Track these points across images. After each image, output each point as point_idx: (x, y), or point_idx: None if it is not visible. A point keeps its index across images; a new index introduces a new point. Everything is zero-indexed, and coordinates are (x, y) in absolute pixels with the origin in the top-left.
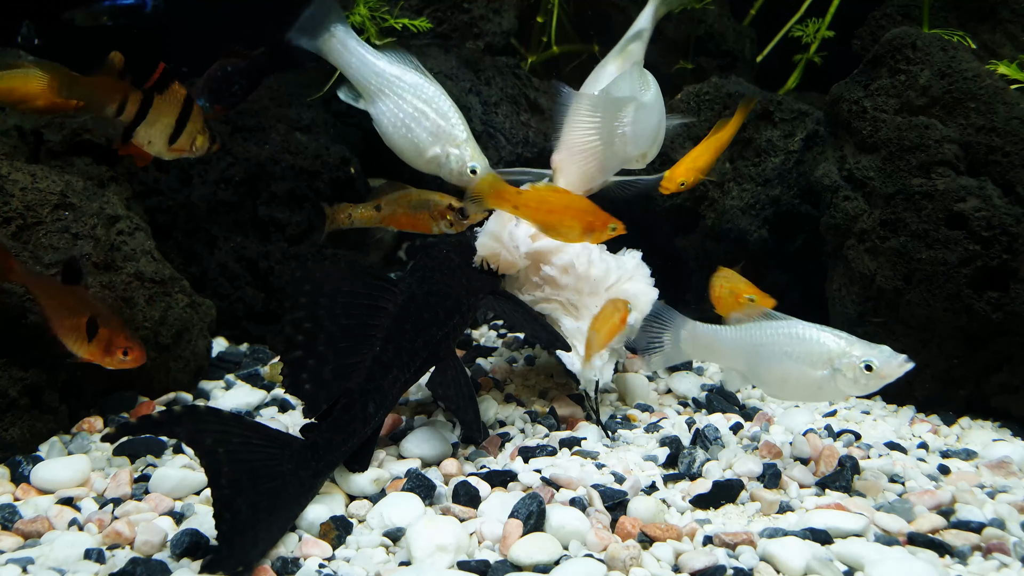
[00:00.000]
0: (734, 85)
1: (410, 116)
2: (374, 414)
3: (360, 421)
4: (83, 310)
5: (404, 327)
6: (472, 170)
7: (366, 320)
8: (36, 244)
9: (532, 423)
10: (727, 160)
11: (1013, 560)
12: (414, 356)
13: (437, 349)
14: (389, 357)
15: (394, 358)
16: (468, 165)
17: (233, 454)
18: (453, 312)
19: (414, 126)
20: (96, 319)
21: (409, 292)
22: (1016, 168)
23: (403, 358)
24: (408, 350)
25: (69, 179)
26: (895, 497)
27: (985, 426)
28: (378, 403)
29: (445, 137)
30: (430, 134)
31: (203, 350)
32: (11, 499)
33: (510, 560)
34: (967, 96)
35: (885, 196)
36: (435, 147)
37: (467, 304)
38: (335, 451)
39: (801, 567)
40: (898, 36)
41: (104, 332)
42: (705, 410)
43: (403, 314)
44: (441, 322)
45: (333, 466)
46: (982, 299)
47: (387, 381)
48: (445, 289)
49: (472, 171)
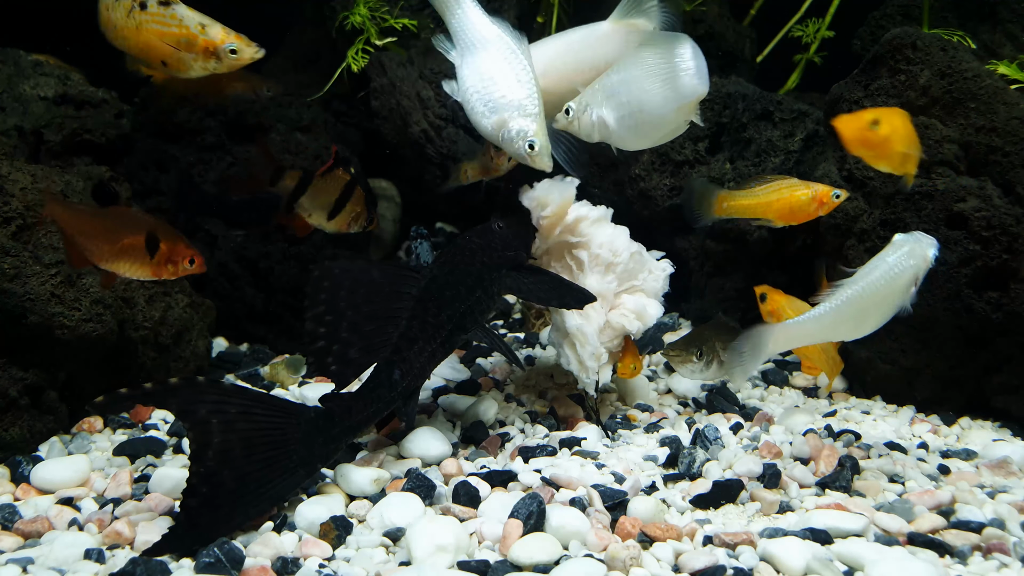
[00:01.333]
0: (734, 85)
1: (490, 78)
2: (400, 380)
3: (385, 387)
4: (137, 227)
5: (427, 305)
6: (531, 145)
7: (389, 306)
8: (36, 244)
9: (532, 423)
10: (727, 160)
11: (1013, 560)
12: (439, 328)
13: (463, 322)
14: (415, 331)
15: (419, 332)
16: (528, 139)
17: (228, 424)
18: (475, 287)
19: (491, 87)
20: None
21: (430, 275)
22: (1016, 168)
23: (428, 331)
24: (433, 324)
25: (69, 179)
26: (895, 497)
27: (985, 426)
28: (404, 371)
29: (515, 106)
30: (502, 97)
31: (203, 350)
32: (11, 499)
33: (510, 560)
34: (967, 96)
35: (885, 196)
36: (502, 113)
37: (488, 279)
38: (355, 416)
39: (801, 567)
40: (898, 36)
41: (165, 246)
42: (705, 410)
43: (425, 294)
44: (463, 297)
45: (354, 431)
46: (982, 299)
47: (413, 351)
48: (465, 267)
49: (531, 146)
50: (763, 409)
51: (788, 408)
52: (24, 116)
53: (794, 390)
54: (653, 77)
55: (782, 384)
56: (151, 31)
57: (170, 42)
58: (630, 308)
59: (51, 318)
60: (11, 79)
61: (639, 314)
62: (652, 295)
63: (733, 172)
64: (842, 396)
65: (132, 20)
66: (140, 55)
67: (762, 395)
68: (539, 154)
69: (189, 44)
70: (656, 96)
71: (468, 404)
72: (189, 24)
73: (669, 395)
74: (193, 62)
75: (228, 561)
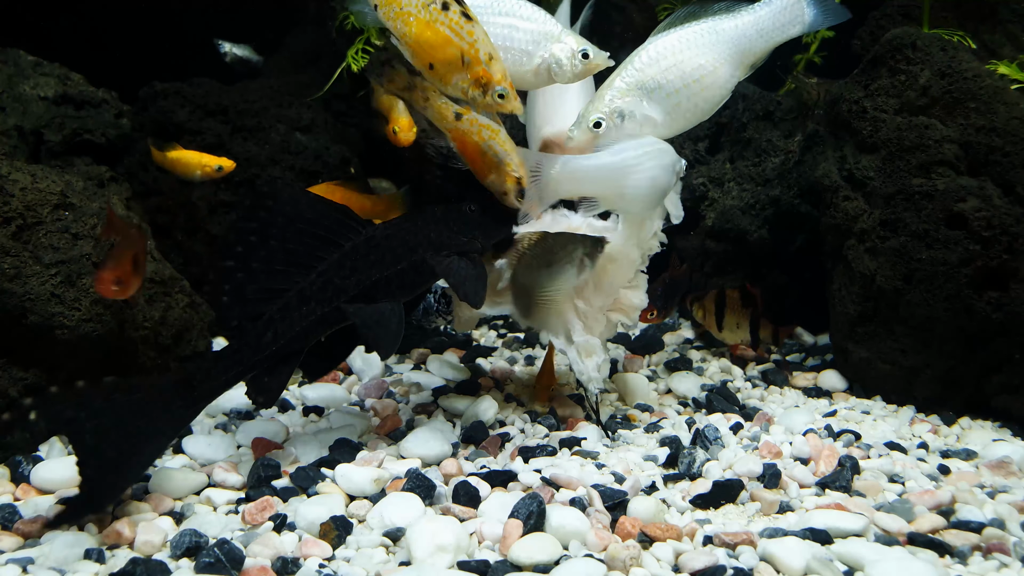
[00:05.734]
0: None
1: (502, 37)
2: (272, 342)
3: (250, 349)
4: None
5: (342, 264)
6: (584, 54)
7: (314, 251)
8: (36, 244)
9: (532, 423)
10: (727, 160)
11: (1013, 560)
12: (340, 292)
13: (375, 291)
14: (313, 290)
15: (317, 291)
16: (579, 51)
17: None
18: (401, 259)
19: (511, 45)
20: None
21: (367, 234)
22: (1016, 168)
23: (327, 292)
24: (336, 286)
25: (69, 179)
26: (895, 497)
27: (985, 426)
28: (281, 332)
29: (542, 38)
30: (529, 43)
31: (203, 350)
32: (11, 499)
33: (510, 560)
34: (967, 96)
35: (885, 196)
36: (538, 54)
37: (422, 255)
38: (215, 379)
39: (801, 567)
40: (898, 36)
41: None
42: (705, 410)
43: (347, 252)
44: (385, 265)
45: (214, 393)
46: (982, 299)
47: (300, 312)
48: (404, 237)
49: (584, 55)
50: (763, 409)
51: (788, 408)
52: (24, 116)
53: (794, 390)
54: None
55: (782, 384)
56: (441, 33)
57: (454, 53)
58: (630, 303)
59: (51, 318)
60: (11, 79)
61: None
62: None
63: (733, 172)
64: (842, 396)
65: (426, 13)
66: (412, 47)
67: (762, 395)
68: (596, 57)
69: (469, 65)
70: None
71: (468, 404)
72: (480, 47)
73: (669, 395)
74: (460, 82)
75: (228, 561)
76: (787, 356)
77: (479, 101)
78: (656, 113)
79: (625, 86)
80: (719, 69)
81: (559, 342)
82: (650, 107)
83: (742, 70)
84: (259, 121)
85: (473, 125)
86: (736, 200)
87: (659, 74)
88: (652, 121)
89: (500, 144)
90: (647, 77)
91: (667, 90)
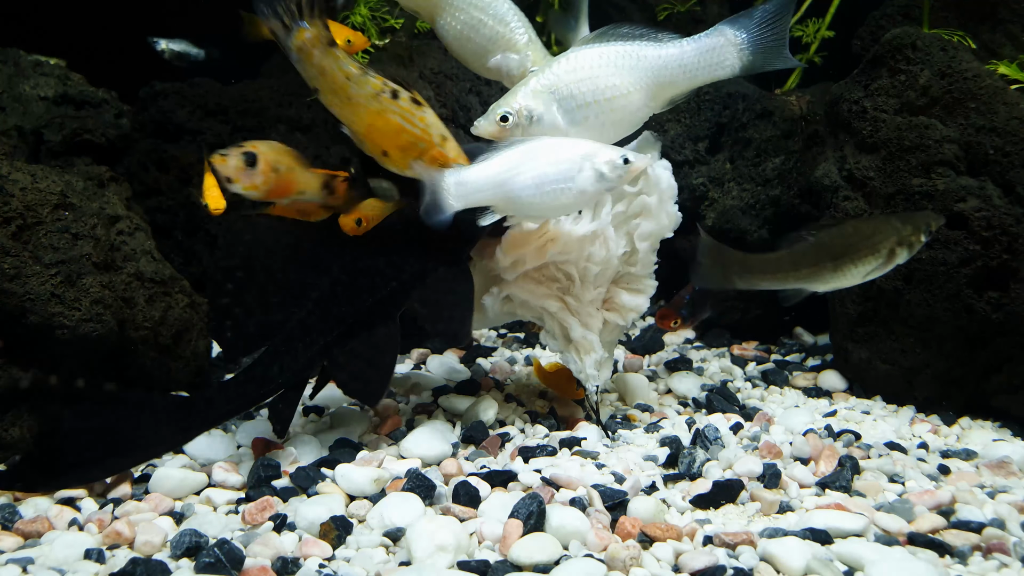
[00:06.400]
0: (734, 85)
1: (468, 26)
2: (279, 375)
3: (257, 382)
4: None
5: (336, 290)
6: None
7: (302, 277)
8: (36, 244)
9: (532, 423)
10: (727, 160)
11: (1013, 560)
12: (341, 321)
13: (371, 317)
14: (313, 320)
15: (318, 321)
16: (531, 69)
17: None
18: (390, 279)
19: (473, 35)
20: None
21: (353, 255)
22: (1016, 168)
23: (328, 323)
24: (336, 315)
25: (69, 179)
26: (895, 497)
27: (985, 426)
28: (287, 365)
29: (504, 43)
30: (488, 41)
31: (203, 350)
32: (11, 499)
33: (510, 560)
34: (967, 96)
35: (885, 196)
36: (496, 54)
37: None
38: (216, 409)
39: (801, 567)
40: (898, 36)
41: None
42: (705, 410)
43: (340, 279)
44: (376, 289)
45: (213, 423)
46: (982, 299)
47: (303, 344)
48: (393, 251)
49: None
50: (763, 409)
51: (788, 408)
52: (24, 116)
53: (794, 390)
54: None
55: (782, 384)
56: (393, 122)
57: (408, 140)
58: (622, 303)
59: (51, 318)
60: (11, 79)
61: (634, 308)
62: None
63: (733, 172)
64: (842, 396)
65: (376, 103)
66: (363, 136)
67: (762, 395)
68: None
69: (424, 151)
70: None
71: (468, 404)
72: (433, 133)
73: (669, 395)
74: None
75: (228, 561)
76: (787, 356)
77: None
78: (563, 122)
79: (539, 87)
80: (633, 94)
81: (555, 344)
82: (559, 114)
83: (658, 102)
84: (259, 121)
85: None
86: (736, 200)
87: (573, 84)
88: (558, 129)
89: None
90: (561, 84)
91: (578, 101)
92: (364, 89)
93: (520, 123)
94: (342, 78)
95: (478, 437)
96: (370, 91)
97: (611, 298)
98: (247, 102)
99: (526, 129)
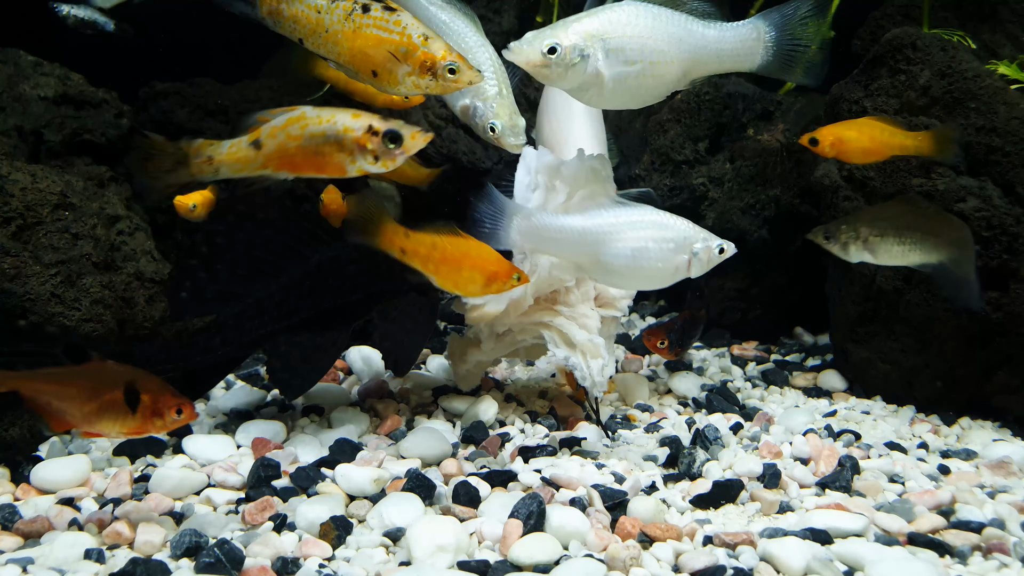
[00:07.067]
0: (734, 85)
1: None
2: (218, 348)
3: (198, 349)
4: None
5: (303, 283)
6: (491, 128)
7: (280, 261)
8: (36, 244)
9: (532, 423)
10: (727, 160)
11: (1013, 560)
12: (295, 313)
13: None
14: (270, 305)
15: (274, 307)
16: (489, 122)
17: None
18: (359, 289)
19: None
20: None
21: (335, 252)
22: (1016, 168)
23: (283, 310)
24: (290, 306)
25: (69, 179)
26: (895, 497)
27: (985, 426)
28: (229, 338)
29: (474, 89)
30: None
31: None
32: (11, 499)
33: (510, 560)
34: (967, 96)
35: (885, 196)
36: (464, 98)
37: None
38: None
39: (801, 567)
40: (898, 36)
41: (147, 398)
42: (705, 410)
43: (311, 271)
44: (341, 293)
45: None
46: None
47: (254, 324)
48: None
49: (491, 129)
50: (763, 409)
51: (788, 408)
52: (24, 116)
53: (794, 390)
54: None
55: (782, 384)
56: (370, 36)
57: (389, 49)
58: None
59: (51, 318)
60: (11, 79)
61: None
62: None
63: (733, 172)
64: (842, 396)
65: (350, 23)
66: (349, 62)
67: (762, 395)
68: (502, 135)
69: (407, 54)
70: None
71: (468, 404)
72: (412, 33)
73: (669, 395)
74: (407, 76)
75: (228, 561)
76: (787, 356)
77: (433, 86)
78: (606, 73)
79: (592, 31)
80: (674, 65)
81: (560, 351)
82: (604, 65)
83: (686, 80)
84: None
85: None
86: (736, 200)
87: (626, 38)
88: (598, 79)
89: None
90: (614, 34)
91: (626, 56)
92: (336, 14)
93: (566, 61)
94: (314, 14)
95: (478, 437)
96: (342, 14)
97: (600, 294)
98: (247, 102)
99: (568, 69)
